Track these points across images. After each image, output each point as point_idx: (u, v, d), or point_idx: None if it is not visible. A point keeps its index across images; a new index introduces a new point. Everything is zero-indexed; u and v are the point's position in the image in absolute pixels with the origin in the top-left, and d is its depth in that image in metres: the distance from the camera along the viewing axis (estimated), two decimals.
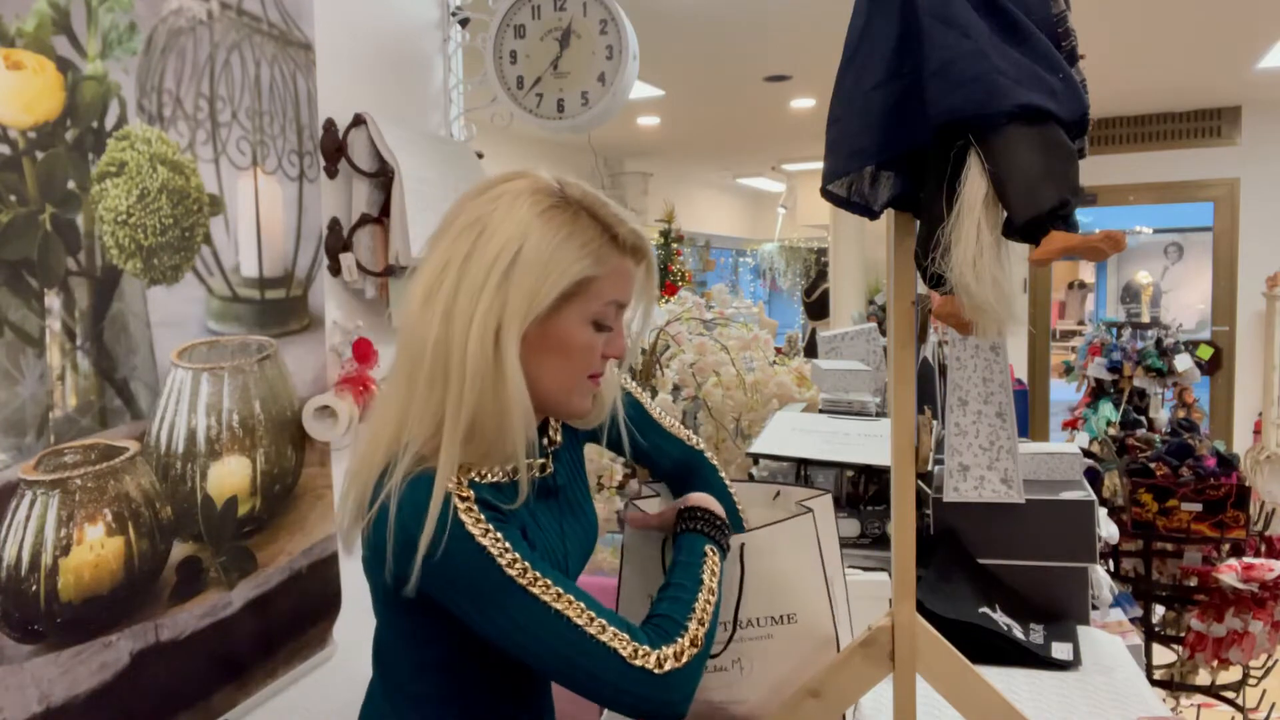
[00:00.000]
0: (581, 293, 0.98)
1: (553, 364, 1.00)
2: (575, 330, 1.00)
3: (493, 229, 0.96)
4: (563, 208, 0.98)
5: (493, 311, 0.94)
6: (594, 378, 1.04)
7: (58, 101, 1.29)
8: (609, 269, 1.00)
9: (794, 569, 1.18)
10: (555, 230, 0.96)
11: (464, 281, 0.95)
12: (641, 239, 1.03)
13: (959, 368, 1.73)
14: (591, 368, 1.03)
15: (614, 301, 1.02)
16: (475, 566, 0.92)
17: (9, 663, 1.22)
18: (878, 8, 1.02)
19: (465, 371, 0.94)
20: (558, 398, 1.02)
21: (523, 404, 0.96)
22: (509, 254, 0.95)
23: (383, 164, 1.88)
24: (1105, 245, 0.89)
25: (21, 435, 1.25)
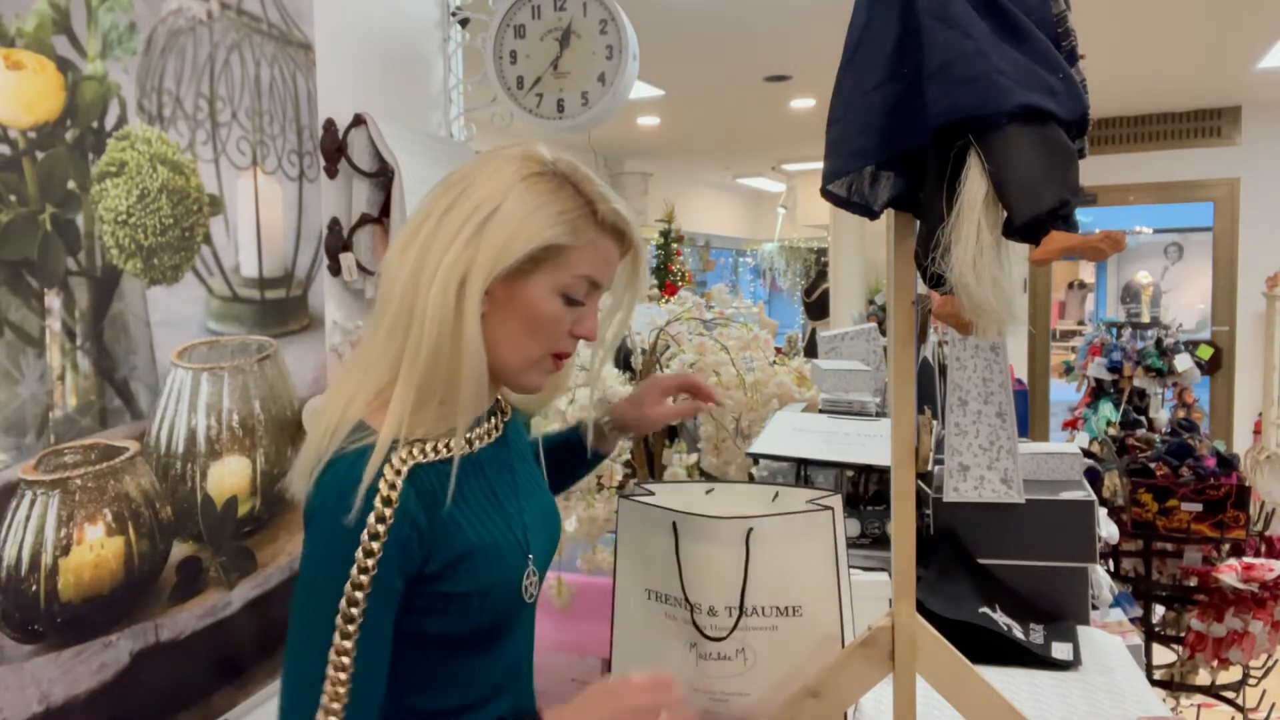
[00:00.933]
0: (552, 260, 0.98)
1: (515, 330, 0.99)
2: (542, 298, 0.99)
3: (476, 187, 0.98)
4: (548, 176, 0.99)
5: (460, 263, 0.95)
6: (557, 357, 1.03)
7: (58, 101, 1.29)
8: (583, 242, 0.99)
9: (804, 562, 1.18)
10: (535, 195, 0.97)
11: (439, 233, 0.96)
12: (624, 220, 1.02)
13: (959, 368, 1.73)
14: (555, 344, 1.02)
15: (585, 277, 1.00)
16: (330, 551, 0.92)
17: (9, 663, 1.22)
18: (878, 8, 1.02)
19: (425, 319, 0.94)
20: (514, 366, 1.01)
21: (477, 361, 0.95)
22: (485, 211, 0.96)
23: (383, 164, 1.88)
24: (1105, 245, 0.89)
25: (21, 435, 1.25)
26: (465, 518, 1.00)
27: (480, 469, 1.05)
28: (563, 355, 1.04)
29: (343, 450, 0.94)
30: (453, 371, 0.95)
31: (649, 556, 1.24)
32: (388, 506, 0.92)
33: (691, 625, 1.21)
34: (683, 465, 2.19)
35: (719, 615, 1.19)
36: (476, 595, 0.99)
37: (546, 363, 1.03)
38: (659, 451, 2.28)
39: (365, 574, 0.91)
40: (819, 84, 5.21)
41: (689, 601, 1.21)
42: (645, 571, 1.25)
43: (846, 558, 1.21)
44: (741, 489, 1.38)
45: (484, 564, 1.00)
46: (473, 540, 0.99)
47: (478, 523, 1.01)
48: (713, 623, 1.20)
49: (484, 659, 1.05)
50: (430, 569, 0.96)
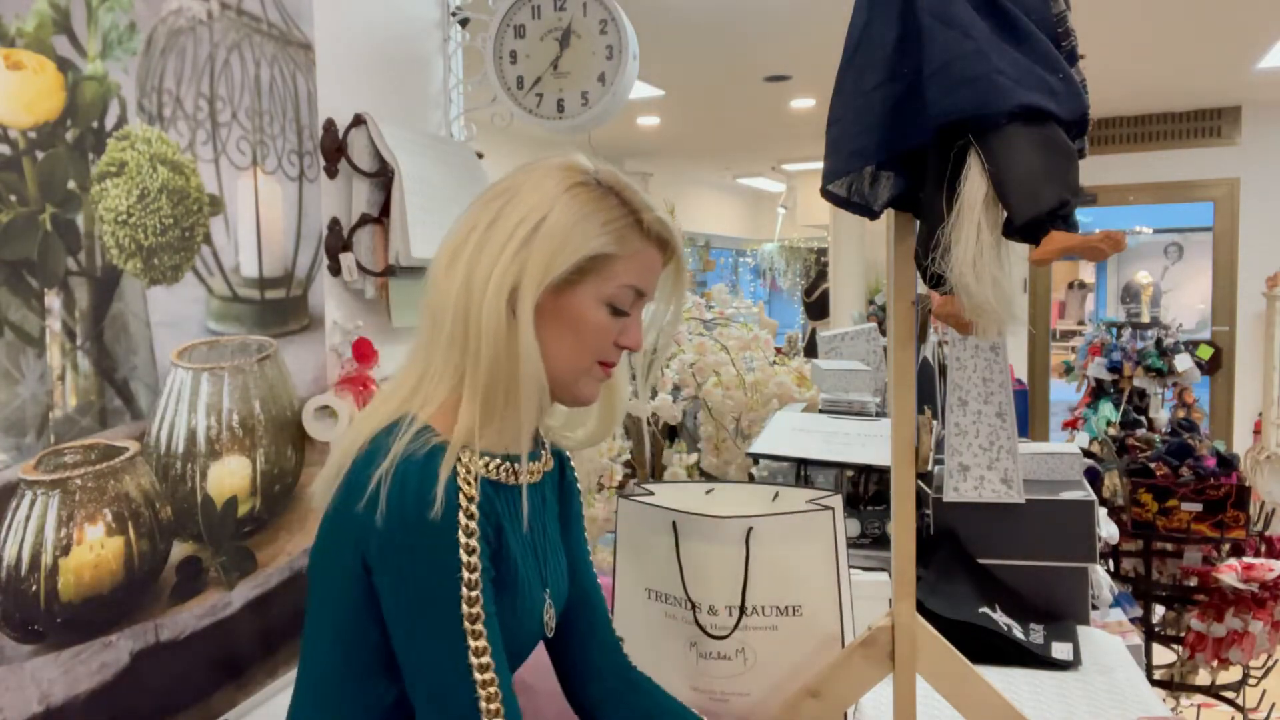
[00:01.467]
0: (598, 270, 0.97)
1: (564, 340, 0.98)
2: (589, 308, 0.98)
3: (520, 198, 0.98)
4: (591, 186, 0.99)
5: (509, 275, 0.94)
6: (605, 366, 1.02)
7: (58, 101, 1.29)
8: (629, 251, 0.99)
9: (804, 562, 1.18)
10: (580, 205, 0.97)
11: (487, 245, 0.96)
12: (669, 230, 1.02)
13: (959, 368, 1.73)
14: (603, 352, 1.00)
15: (631, 286, 1.00)
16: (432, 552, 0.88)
17: (9, 663, 1.22)
18: (878, 8, 1.02)
19: (481, 332, 0.94)
20: (565, 378, 1.00)
21: (536, 372, 0.95)
22: (531, 222, 0.96)
23: (383, 164, 1.88)
24: (1105, 245, 0.89)
25: (21, 435, 1.25)
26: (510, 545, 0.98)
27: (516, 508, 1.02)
28: (609, 365, 1.03)
29: (409, 452, 0.91)
30: (512, 383, 0.94)
31: (649, 556, 1.24)
32: (471, 502, 0.91)
33: (693, 624, 1.21)
34: (683, 465, 2.19)
35: (720, 614, 1.20)
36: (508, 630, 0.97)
37: (596, 371, 1.02)
38: (659, 451, 2.28)
39: (474, 559, 0.89)
40: (819, 84, 5.21)
41: (690, 600, 1.21)
42: (645, 571, 1.25)
43: (846, 558, 1.21)
44: (741, 489, 1.38)
45: (518, 596, 0.98)
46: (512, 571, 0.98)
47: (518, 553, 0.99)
48: (714, 622, 1.20)
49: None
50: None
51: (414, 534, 0.88)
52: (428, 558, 0.88)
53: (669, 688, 1.23)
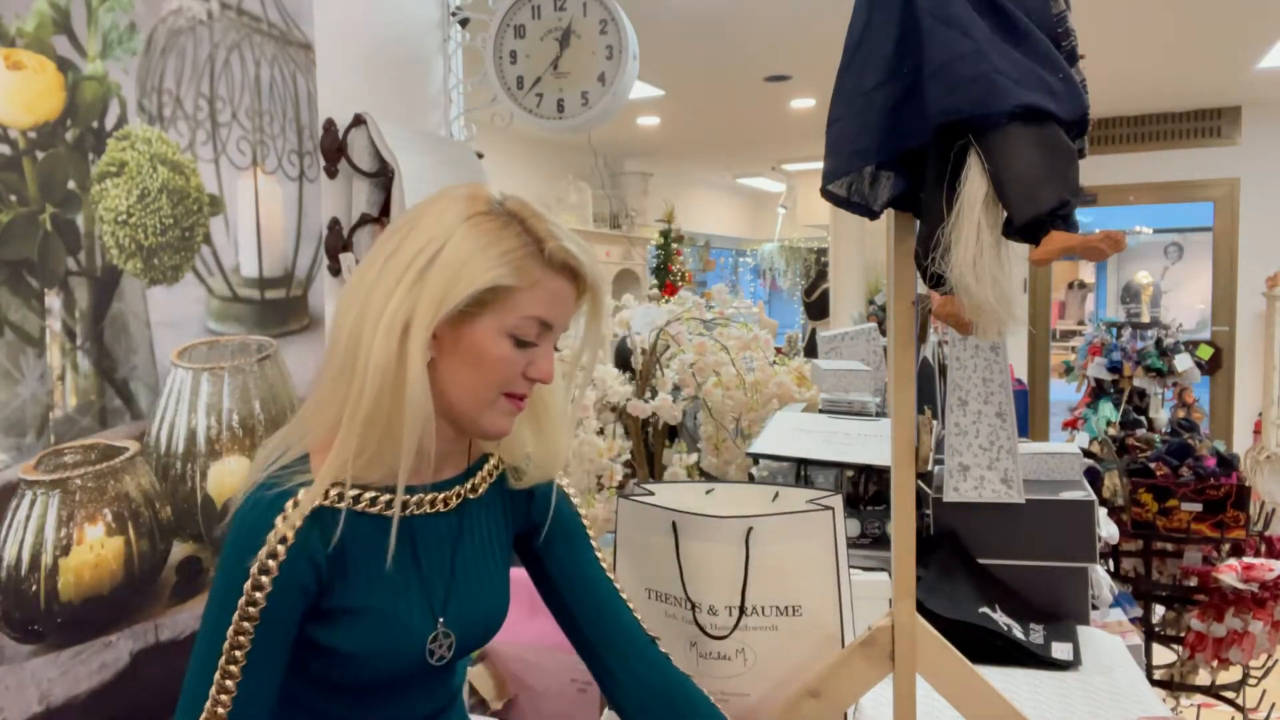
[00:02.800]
0: (497, 302, 0.96)
1: (464, 373, 0.97)
2: (489, 341, 0.96)
3: (420, 229, 0.97)
4: (493, 216, 0.97)
5: (403, 308, 0.93)
6: (514, 398, 1.00)
7: (58, 101, 1.29)
8: (529, 282, 0.96)
9: (804, 562, 1.18)
10: (478, 235, 0.95)
11: (383, 278, 0.96)
12: (574, 258, 0.98)
13: (959, 368, 1.73)
14: (508, 384, 0.98)
15: (534, 318, 0.97)
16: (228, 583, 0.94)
17: (9, 663, 1.22)
18: (878, 8, 1.02)
19: (368, 367, 0.93)
20: (469, 411, 0.98)
21: (421, 409, 0.94)
22: (428, 254, 0.95)
23: (383, 164, 1.88)
24: (1105, 245, 0.89)
25: (21, 435, 1.25)
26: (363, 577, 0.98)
27: (409, 534, 1.01)
28: (518, 397, 1.00)
29: (273, 482, 0.95)
30: (394, 417, 0.93)
31: (649, 556, 1.24)
32: (283, 544, 0.92)
33: (692, 624, 1.21)
34: (683, 465, 2.19)
35: (719, 614, 1.20)
36: (358, 657, 0.98)
37: (502, 404, 0.99)
38: (659, 451, 2.28)
39: (254, 606, 0.93)
40: (819, 84, 5.21)
41: (690, 600, 1.21)
42: (645, 571, 1.25)
43: (846, 558, 1.21)
44: (741, 489, 1.38)
45: (369, 627, 0.98)
46: (363, 601, 0.98)
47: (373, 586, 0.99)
48: (713, 621, 1.20)
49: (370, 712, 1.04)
50: (324, 605, 0.97)
51: (225, 562, 0.95)
52: (224, 584, 0.95)
53: None
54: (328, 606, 0.97)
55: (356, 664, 0.99)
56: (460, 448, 1.06)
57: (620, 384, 2.20)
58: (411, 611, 1.01)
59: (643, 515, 1.24)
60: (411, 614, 1.00)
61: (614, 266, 6.78)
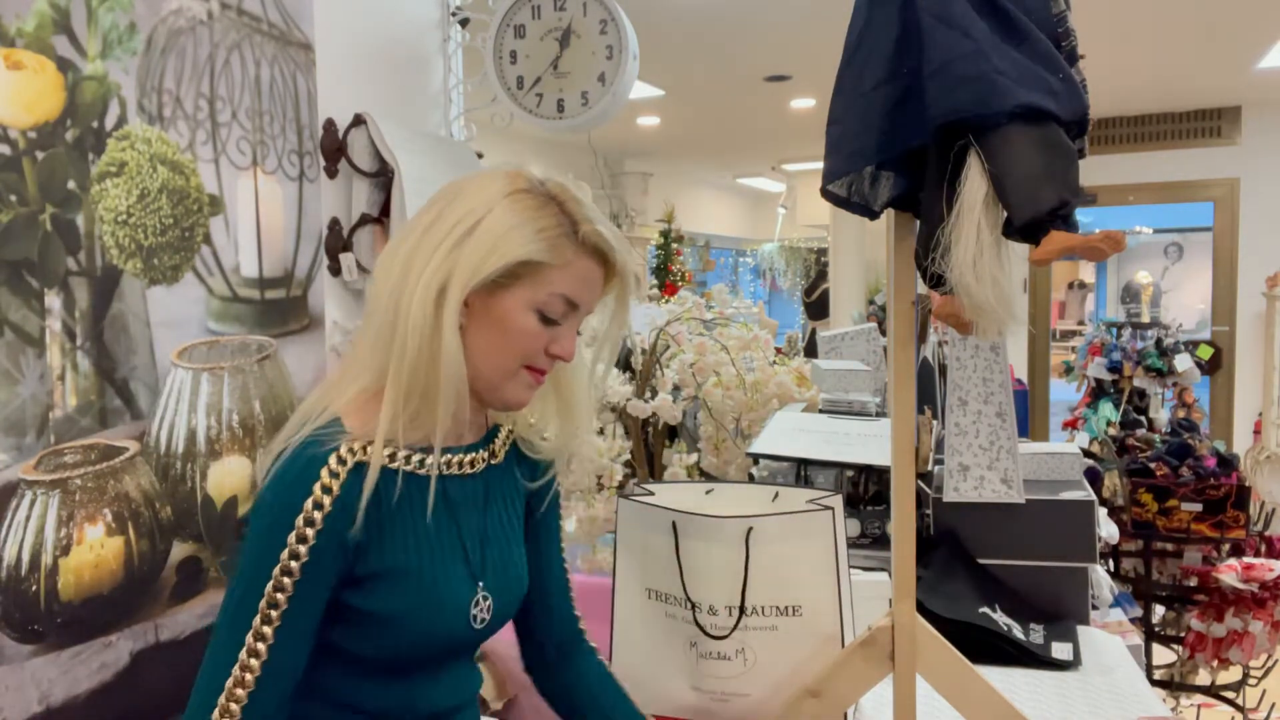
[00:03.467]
0: (529, 276, 0.99)
1: (490, 341, 1.00)
2: (517, 313, 1.00)
3: (462, 200, 1.01)
4: (533, 194, 1.01)
5: (440, 272, 0.97)
6: (535, 372, 1.03)
7: (58, 101, 1.29)
8: (561, 261, 1.00)
9: (804, 562, 1.18)
10: (518, 211, 0.99)
11: (423, 243, 0.99)
12: (606, 243, 1.02)
13: (959, 368, 1.73)
14: (530, 357, 1.02)
15: (562, 296, 1.01)
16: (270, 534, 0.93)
17: (9, 663, 1.22)
18: (878, 8, 1.02)
19: (408, 328, 0.96)
20: (491, 378, 1.02)
21: (455, 370, 0.97)
22: (468, 223, 0.98)
23: (383, 164, 1.88)
24: (1105, 245, 0.89)
25: (21, 435, 1.25)
26: (405, 536, 1.00)
27: (446, 496, 1.04)
28: (540, 371, 1.03)
29: (315, 440, 0.96)
30: (431, 378, 0.97)
31: (649, 556, 1.24)
32: (328, 496, 0.93)
33: (692, 624, 1.21)
34: (683, 465, 2.19)
35: (719, 614, 1.20)
36: (394, 619, 0.98)
37: (523, 376, 1.03)
38: (659, 451, 2.28)
39: (297, 560, 0.93)
40: (819, 84, 5.21)
41: (690, 600, 1.21)
42: (645, 571, 1.25)
43: (846, 558, 1.21)
44: (741, 489, 1.38)
45: (412, 588, 0.99)
46: (405, 561, 0.99)
47: (415, 544, 1.00)
48: (713, 621, 1.20)
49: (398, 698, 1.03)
50: (361, 570, 0.97)
51: (266, 513, 0.94)
52: (265, 536, 0.93)
53: (669, 688, 1.23)
54: (365, 571, 0.97)
55: (397, 630, 0.98)
56: (479, 417, 1.10)
57: (620, 384, 2.20)
58: (453, 574, 1.02)
59: (643, 515, 1.24)
60: (453, 576, 1.02)
61: None
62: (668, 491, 1.29)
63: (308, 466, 0.94)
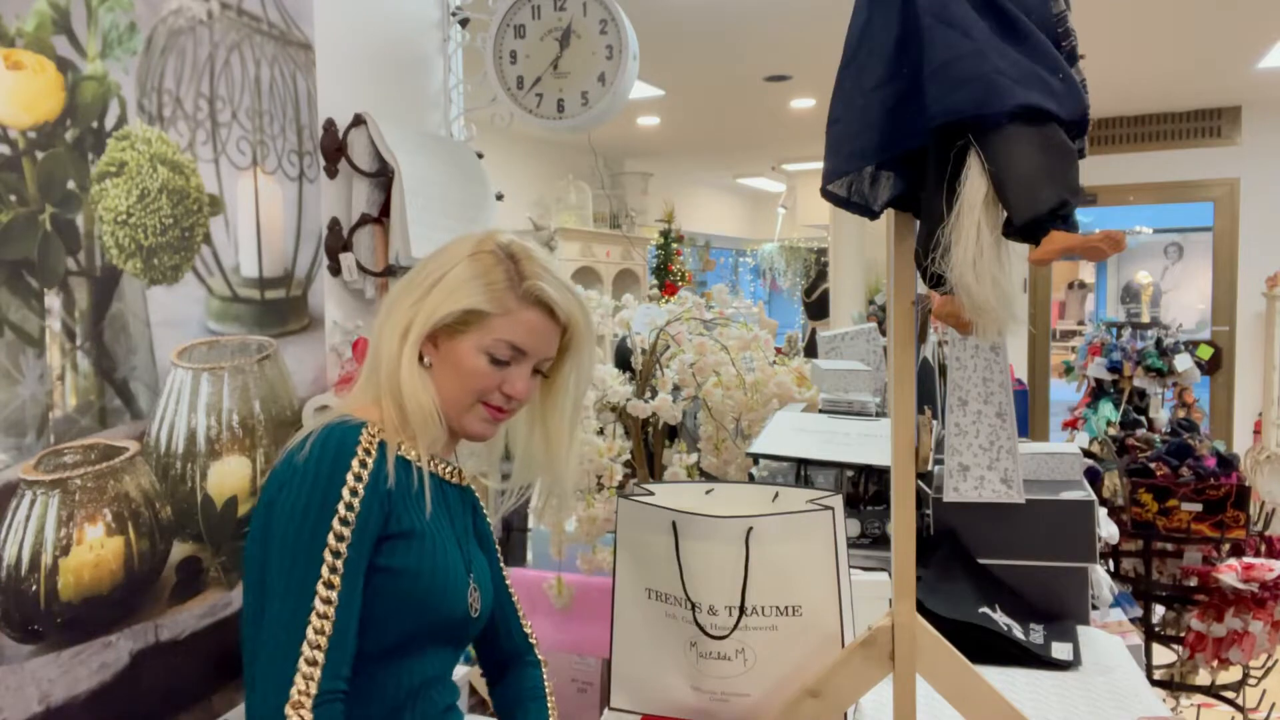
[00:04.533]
0: (477, 323, 1.16)
1: (448, 378, 1.18)
2: (469, 355, 1.17)
3: (438, 257, 1.20)
4: (493, 254, 1.18)
5: (407, 315, 1.17)
6: (491, 408, 1.19)
7: (58, 101, 1.29)
8: (503, 310, 1.17)
9: (804, 562, 1.18)
10: (474, 268, 1.17)
11: (404, 290, 1.19)
12: (547, 294, 1.18)
13: (959, 368, 1.73)
14: (483, 394, 1.18)
15: (506, 341, 1.17)
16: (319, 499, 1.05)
17: (9, 663, 1.22)
18: (878, 8, 1.02)
19: (382, 358, 1.17)
20: (450, 410, 1.18)
21: (414, 396, 1.15)
22: (434, 277, 1.18)
23: (383, 164, 1.88)
24: (1105, 245, 0.89)
25: (21, 435, 1.25)
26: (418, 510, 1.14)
27: (443, 495, 1.21)
28: (495, 408, 1.19)
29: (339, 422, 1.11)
30: (399, 404, 1.15)
31: (649, 556, 1.24)
32: (369, 456, 1.09)
33: (692, 624, 1.21)
34: (683, 465, 2.19)
35: (719, 614, 1.20)
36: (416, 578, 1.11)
37: (479, 410, 1.19)
38: (659, 451, 2.28)
39: (352, 513, 1.05)
40: (819, 84, 5.21)
41: (690, 600, 1.21)
42: (645, 571, 1.25)
43: (846, 558, 1.21)
44: (741, 489, 1.38)
45: (424, 550, 1.13)
46: (420, 526, 1.13)
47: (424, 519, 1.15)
48: (714, 622, 1.20)
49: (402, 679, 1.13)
50: (391, 529, 1.10)
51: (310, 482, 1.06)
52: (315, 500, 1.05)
53: (669, 688, 1.23)
54: (395, 530, 1.11)
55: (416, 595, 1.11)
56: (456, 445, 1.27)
57: (620, 384, 2.20)
58: (453, 556, 1.18)
59: (643, 515, 1.24)
60: (453, 557, 1.18)
61: (614, 266, 6.78)
62: (668, 491, 1.29)
63: (345, 437, 1.09)
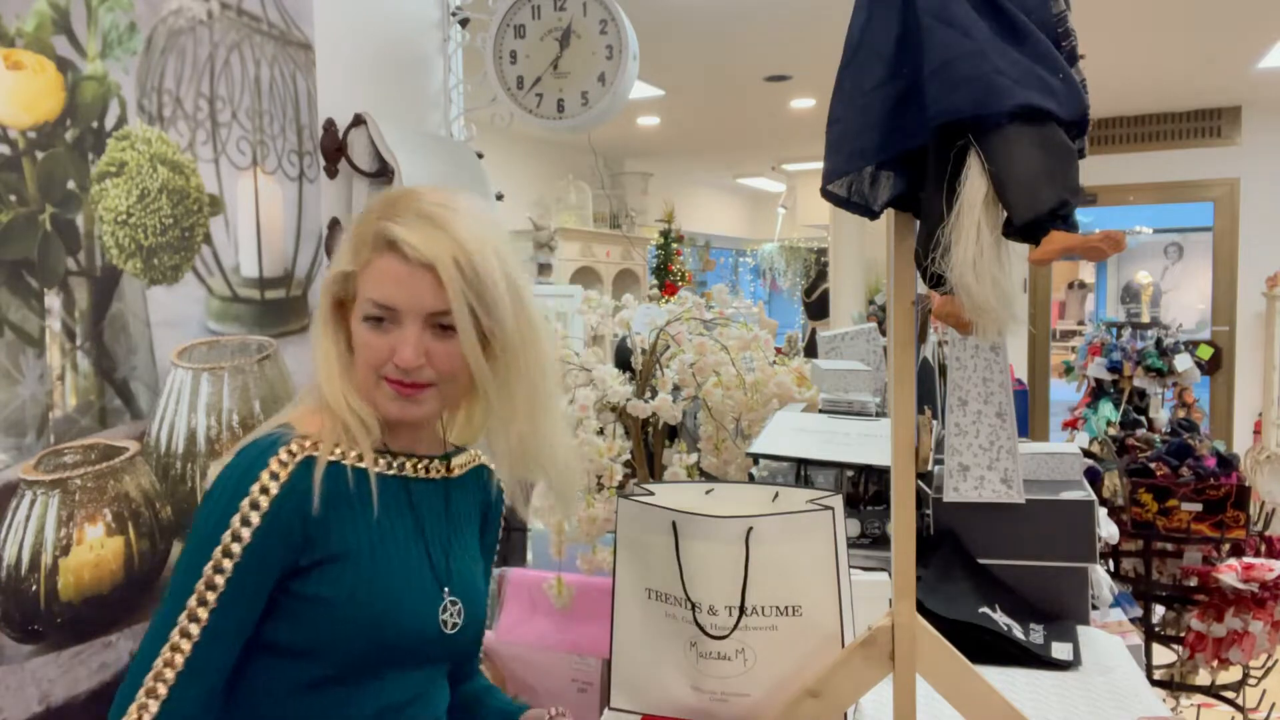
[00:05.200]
0: (353, 288, 1.02)
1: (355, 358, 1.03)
2: (356, 327, 1.02)
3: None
4: (368, 209, 1.04)
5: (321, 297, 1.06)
6: (393, 383, 1.00)
7: (58, 101, 1.29)
8: (361, 264, 1.01)
9: (804, 562, 1.18)
10: (350, 230, 1.04)
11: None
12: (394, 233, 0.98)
13: (959, 368, 1.73)
14: (378, 368, 1.00)
15: (369, 299, 0.99)
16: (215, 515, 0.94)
17: (9, 663, 1.22)
18: (878, 7, 1.02)
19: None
20: (364, 395, 1.03)
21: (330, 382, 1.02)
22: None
23: (383, 164, 1.88)
24: (1105, 245, 0.89)
25: (21, 435, 1.25)
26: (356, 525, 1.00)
27: (406, 495, 1.05)
28: (396, 383, 1.00)
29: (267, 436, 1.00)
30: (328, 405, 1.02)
31: (649, 556, 1.24)
32: (274, 481, 0.95)
33: (692, 624, 1.21)
34: (683, 465, 2.19)
35: (719, 614, 1.19)
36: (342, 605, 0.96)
37: (385, 388, 1.01)
38: (659, 451, 2.28)
39: (239, 543, 0.92)
40: (819, 84, 5.21)
41: (690, 600, 1.21)
42: (645, 571, 1.25)
43: (846, 558, 1.21)
44: (741, 489, 1.38)
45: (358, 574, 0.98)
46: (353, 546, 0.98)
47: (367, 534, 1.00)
48: (714, 622, 1.20)
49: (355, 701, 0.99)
50: (304, 561, 0.96)
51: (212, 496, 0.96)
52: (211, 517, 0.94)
53: (669, 688, 1.23)
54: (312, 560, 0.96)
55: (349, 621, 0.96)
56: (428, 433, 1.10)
57: (620, 384, 2.20)
58: (415, 570, 1.03)
59: (643, 515, 1.24)
60: (415, 572, 1.03)
61: (614, 266, 6.78)
62: (668, 491, 1.29)
63: (258, 457, 0.96)
